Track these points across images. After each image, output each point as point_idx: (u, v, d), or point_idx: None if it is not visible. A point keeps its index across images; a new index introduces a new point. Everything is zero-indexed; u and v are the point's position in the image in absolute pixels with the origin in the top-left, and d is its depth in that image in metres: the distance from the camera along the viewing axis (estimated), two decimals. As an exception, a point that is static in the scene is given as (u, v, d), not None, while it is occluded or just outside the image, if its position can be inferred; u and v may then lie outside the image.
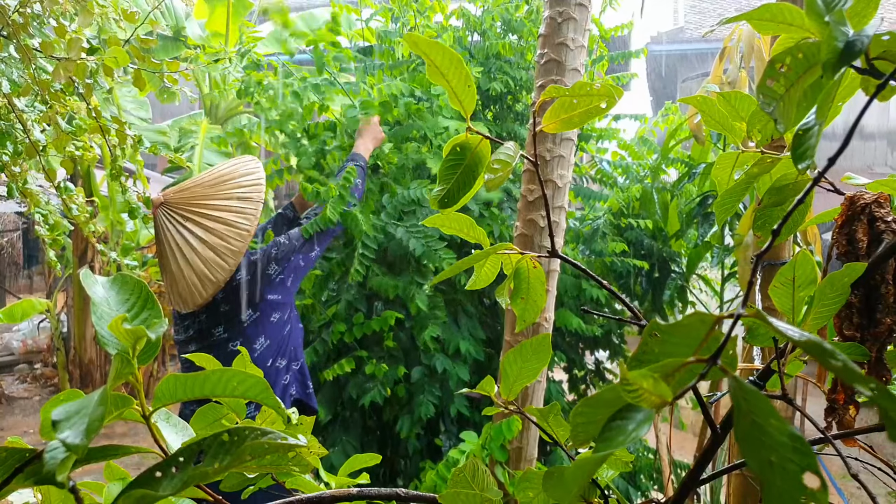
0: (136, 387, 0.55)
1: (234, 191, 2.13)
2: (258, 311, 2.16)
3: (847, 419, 0.73)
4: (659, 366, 0.40)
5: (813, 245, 2.72)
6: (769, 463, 0.33)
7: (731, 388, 0.37)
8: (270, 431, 0.42)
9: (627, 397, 0.39)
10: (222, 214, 2.08)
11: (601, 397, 0.43)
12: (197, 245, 2.06)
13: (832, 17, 0.43)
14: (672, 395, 0.39)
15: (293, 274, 2.26)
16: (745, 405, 0.35)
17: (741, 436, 0.35)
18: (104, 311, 0.53)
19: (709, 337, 0.42)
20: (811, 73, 0.46)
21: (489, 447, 2.01)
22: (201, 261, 2.05)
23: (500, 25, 3.26)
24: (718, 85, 3.05)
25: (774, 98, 0.48)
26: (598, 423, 0.42)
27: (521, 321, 0.79)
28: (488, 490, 0.73)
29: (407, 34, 0.64)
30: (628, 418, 0.41)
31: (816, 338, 0.36)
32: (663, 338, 0.43)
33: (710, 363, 0.40)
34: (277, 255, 2.21)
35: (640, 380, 0.38)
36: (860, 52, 0.42)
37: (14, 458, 0.44)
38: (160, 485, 0.39)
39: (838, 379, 0.72)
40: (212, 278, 2.06)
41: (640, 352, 0.44)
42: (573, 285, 3.00)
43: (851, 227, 0.65)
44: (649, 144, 3.57)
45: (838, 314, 0.64)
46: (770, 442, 0.34)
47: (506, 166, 0.69)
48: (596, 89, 0.68)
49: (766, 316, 0.40)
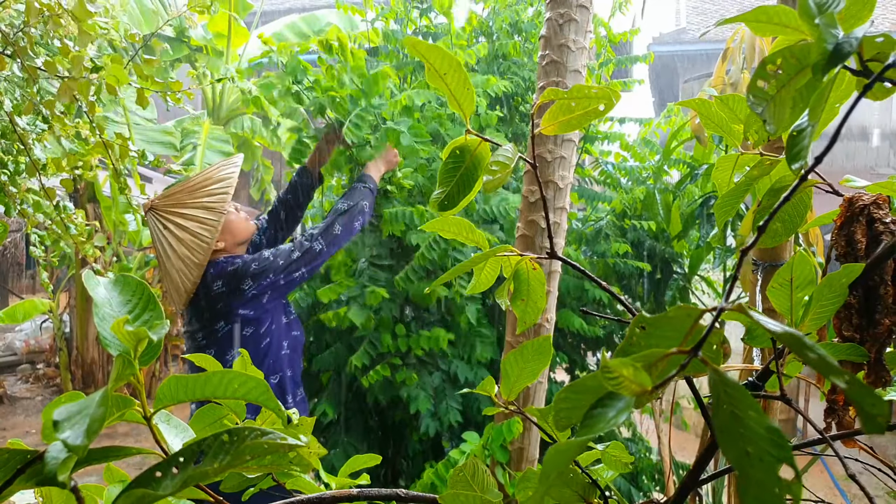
0: (138, 388, 0.55)
1: (203, 199, 2.11)
2: (230, 323, 2.11)
3: (846, 420, 0.73)
4: (641, 355, 0.41)
5: (815, 247, 2.72)
6: (746, 454, 0.34)
7: (710, 380, 0.38)
8: (270, 431, 0.43)
9: (608, 385, 0.40)
10: (189, 224, 2.08)
11: (584, 384, 0.44)
12: (171, 253, 2.08)
13: (823, 19, 0.43)
14: (652, 384, 0.39)
15: (270, 291, 2.13)
16: (726, 397, 0.36)
17: (720, 427, 0.35)
18: (106, 313, 0.53)
19: (693, 329, 0.42)
20: (803, 74, 0.46)
21: (490, 448, 2.01)
22: (175, 269, 2.08)
23: (507, 26, 3.27)
24: (721, 86, 3.05)
25: (765, 99, 0.48)
26: (581, 409, 0.43)
27: (522, 322, 0.79)
28: (488, 491, 0.73)
29: (406, 38, 0.65)
30: (609, 406, 0.42)
31: (794, 331, 0.36)
32: (649, 330, 0.44)
33: (691, 355, 0.41)
34: (255, 270, 2.09)
35: (620, 368, 0.39)
36: (849, 54, 0.43)
37: (15, 459, 0.44)
38: (160, 484, 0.39)
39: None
40: (181, 287, 2.08)
41: (626, 343, 0.45)
42: (575, 286, 3.00)
43: (850, 229, 0.65)
44: (651, 146, 3.57)
45: (837, 315, 0.64)
46: (748, 434, 0.35)
47: (504, 168, 0.69)
48: (594, 92, 0.69)
49: (746, 309, 0.40)
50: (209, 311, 2.12)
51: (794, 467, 0.34)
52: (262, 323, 2.15)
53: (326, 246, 2.19)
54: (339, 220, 2.24)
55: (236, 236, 2.20)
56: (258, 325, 2.14)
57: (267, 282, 2.10)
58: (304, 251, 2.16)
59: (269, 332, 2.17)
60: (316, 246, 2.18)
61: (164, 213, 2.10)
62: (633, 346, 0.44)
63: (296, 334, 2.29)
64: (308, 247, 2.17)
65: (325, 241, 2.19)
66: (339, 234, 2.22)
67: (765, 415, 0.35)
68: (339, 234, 2.22)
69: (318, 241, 2.19)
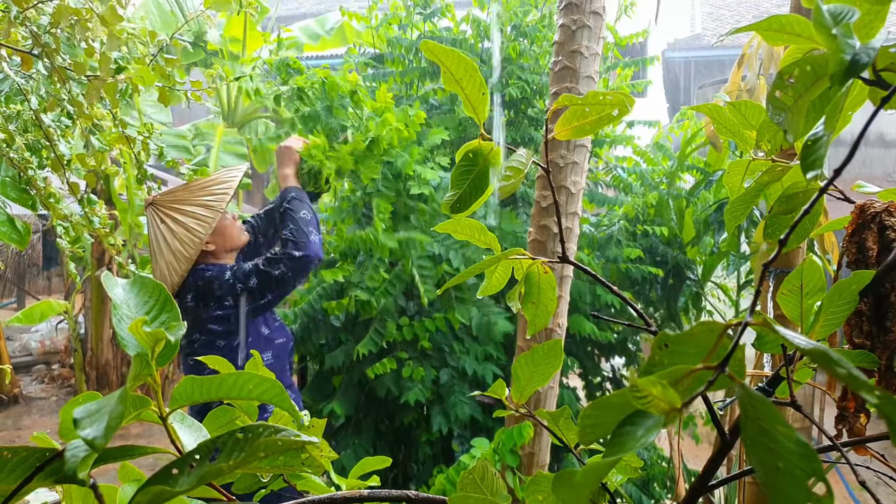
0: (155, 388, 0.56)
1: (203, 198, 2.14)
2: (203, 334, 2.11)
3: (858, 427, 0.73)
4: (667, 372, 0.40)
5: (830, 253, 2.71)
6: (776, 468, 0.34)
7: (738, 395, 0.38)
8: (284, 429, 0.44)
9: (637, 403, 0.39)
10: (186, 220, 2.11)
11: (610, 401, 0.43)
12: (164, 246, 2.11)
13: (840, 30, 0.43)
14: (681, 401, 0.39)
15: (236, 312, 2.09)
16: (753, 412, 0.36)
17: (749, 442, 0.35)
18: (124, 313, 0.54)
19: (717, 345, 0.42)
20: (819, 84, 0.47)
21: (500, 452, 2.01)
22: (165, 261, 2.10)
23: (510, 30, 3.27)
24: (737, 92, 3.04)
25: (784, 109, 0.49)
26: (606, 426, 0.43)
27: (533, 325, 0.80)
28: (498, 494, 0.73)
29: (423, 41, 0.65)
30: (638, 424, 0.41)
31: (823, 346, 0.36)
32: (672, 347, 0.44)
33: (718, 370, 0.40)
34: (222, 291, 2.07)
35: (649, 386, 0.38)
36: (867, 65, 0.43)
37: (34, 457, 0.45)
38: (177, 481, 0.40)
39: (847, 387, 0.72)
40: (168, 279, 2.09)
41: (649, 363, 0.44)
42: (588, 291, 2.99)
43: (861, 236, 0.65)
44: (664, 150, 3.56)
45: (848, 322, 0.64)
46: (777, 448, 0.34)
47: (518, 173, 0.70)
48: (608, 98, 0.69)
49: (773, 324, 0.40)
50: (188, 320, 2.09)
51: (825, 481, 0.34)
52: (232, 338, 2.12)
53: (290, 270, 2.09)
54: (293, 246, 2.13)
55: (227, 241, 2.21)
56: (228, 339, 2.11)
57: (229, 303, 2.08)
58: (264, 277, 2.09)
59: (246, 344, 2.13)
60: (277, 274, 2.09)
61: (164, 208, 2.14)
62: (655, 366, 0.43)
63: (280, 342, 2.25)
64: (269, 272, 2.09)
65: (286, 268, 2.09)
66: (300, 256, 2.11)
67: (792, 428, 0.35)
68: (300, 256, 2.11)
69: (281, 266, 2.10)
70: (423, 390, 2.64)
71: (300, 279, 2.16)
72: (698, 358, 0.43)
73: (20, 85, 2.06)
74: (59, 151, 2.15)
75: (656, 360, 0.44)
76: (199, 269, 2.11)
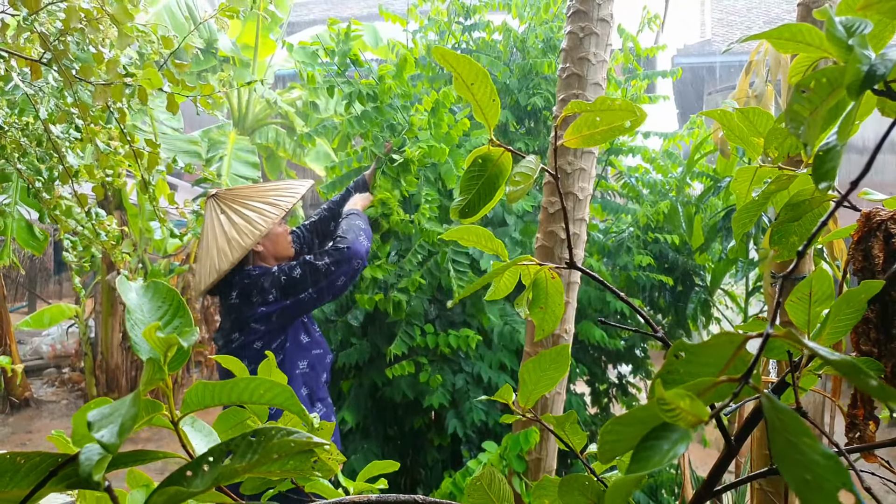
0: (167, 392, 0.57)
1: (269, 195, 2.22)
2: (243, 334, 2.13)
3: (868, 435, 0.73)
4: (691, 384, 0.40)
5: (840, 260, 2.69)
6: (805, 481, 0.34)
7: (764, 408, 0.37)
8: (296, 431, 0.44)
9: (664, 416, 0.38)
10: (248, 213, 2.17)
11: (633, 416, 0.42)
12: (219, 234, 2.15)
13: (856, 41, 0.44)
14: (708, 414, 0.39)
15: (278, 311, 2.13)
16: (780, 424, 0.36)
17: (777, 454, 0.35)
18: (138, 318, 0.55)
19: (735, 356, 0.42)
20: (834, 96, 0.47)
21: (507, 457, 2.01)
22: (217, 249, 2.13)
23: (541, 43, 3.30)
24: (745, 98, 3.03)
25: (801, 122, 0.49)
26: (627, 441, 0.42)
27: (540, 331, 0.80)
28: (505, 500, 0.74)
29: (435, 48, 0.66)
30: (664, 438, 0.40)
31: (850, 358, 0.37)
32: (689, 357, 0.43)
33: (741, 382, 0.40)
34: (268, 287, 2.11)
35: (677, 399, 0.38)
36: (884, 76, 0.43)
37: (47, 462, 0.45)
38: (191, 482, 0.41)
39: (858, 395, 0.72)
40: (216, 266, 2.12)
41: (664, 372, 0.44)
42: (597, 298, 2.99)
43: (868, 244, 0.65)
44: (674, 158, 3.56)
45: (855, 329, 0.64)
46: (804, 460, 0.34)
47: (527, 179, 0.71)
48: (617, 104, 0.70)
49: (797, 335, 0.40)
50: (225, 319, 2.19)
51: (855, 493, 0.34)
52: (273, 338, 2.15)
53: (334, 264, 2.14)
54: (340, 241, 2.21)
55: (276, 247, 2.27)
56: (269, 340, 2.14)
57: (272, 299, 2.11)
58: (308, 266, 2.14)
59: (282, 349, 2.17)
60: (321, 265, 2.13)
61: (227, 200, 2.21)
62: (672, 375, 0.43)
63: (318, 353, 2.29)
64: (313, 263, 2.14)
65: (331, 260, 2.15)
66: (346, 249, 2.17)
67: (818, 440, 0.35)
68: (345, 249, 2.17)
69: (325, 258, 2.15)
70: (444, 393, 2.66)
71: (343, 275, 2.17)
72: (716, 368, 0.42)
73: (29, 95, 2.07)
74: (68, 163, 2.17)
75: (672, 368, 0.44)
76: (246, 269, 2.16)
